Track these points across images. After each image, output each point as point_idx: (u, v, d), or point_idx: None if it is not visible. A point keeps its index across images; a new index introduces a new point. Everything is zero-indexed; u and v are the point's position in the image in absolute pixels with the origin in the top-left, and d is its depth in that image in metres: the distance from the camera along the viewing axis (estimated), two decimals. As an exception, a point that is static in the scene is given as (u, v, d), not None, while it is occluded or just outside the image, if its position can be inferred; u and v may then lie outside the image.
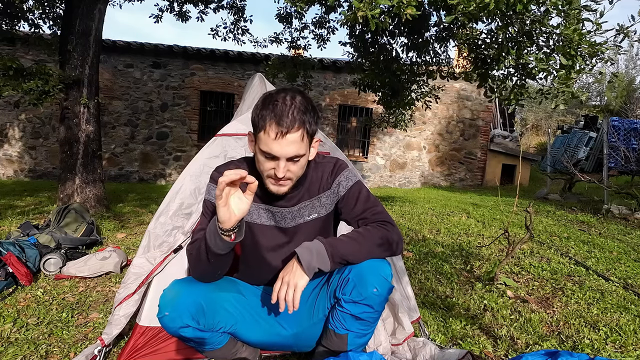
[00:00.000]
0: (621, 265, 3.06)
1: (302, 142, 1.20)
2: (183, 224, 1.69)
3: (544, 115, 16.01)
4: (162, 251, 1.66)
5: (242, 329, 1.42)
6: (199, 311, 1.30)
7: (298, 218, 1.39)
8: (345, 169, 1.41)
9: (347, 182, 1.38)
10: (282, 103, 1.18)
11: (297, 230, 1.40)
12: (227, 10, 5.98)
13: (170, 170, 9.11)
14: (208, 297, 1.33)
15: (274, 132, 1.16)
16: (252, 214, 1.39)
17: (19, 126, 8.60)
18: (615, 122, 7.07)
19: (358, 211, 1.35)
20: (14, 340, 1.76)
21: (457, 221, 4.55)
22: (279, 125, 1.16)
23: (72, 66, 4.33)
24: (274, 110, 1.17)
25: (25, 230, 3.05)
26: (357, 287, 1.28)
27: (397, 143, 9.67)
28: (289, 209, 1.38)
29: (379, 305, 1.33)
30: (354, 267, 1.31)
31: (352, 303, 1.30)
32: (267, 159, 1.22)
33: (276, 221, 1.39)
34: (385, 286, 1.30)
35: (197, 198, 1.72)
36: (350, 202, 1.37)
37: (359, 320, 1.33)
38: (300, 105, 1.19)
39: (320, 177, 1.39)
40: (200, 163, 1.77)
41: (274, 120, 1.16)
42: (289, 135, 1.16)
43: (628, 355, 1.72)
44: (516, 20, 2.37)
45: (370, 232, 1.29)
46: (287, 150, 1.18)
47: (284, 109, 1.17)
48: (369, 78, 4.33)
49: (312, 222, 1.40)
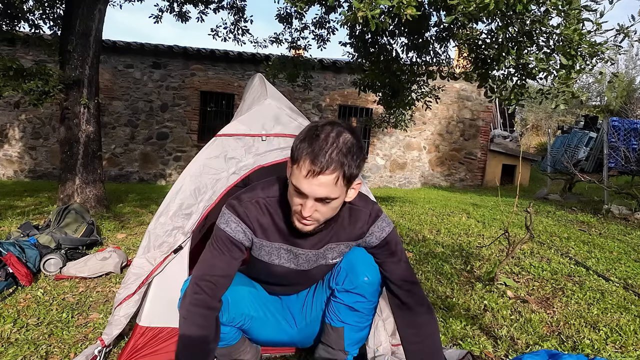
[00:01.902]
0: (621, 265, 3.06)
1: (336, 185, 1.07)
2: (183, 224, 1.69)
3: (544, 115, 16.01)
4: (162, 251, 1.65)
5: (256, 325, 1.43)
6: (224, 306, 1.31)
7: (320, 259, 1.35)
8: (380, 217, 1.33)
9: (381, 234, 1.32)
10: (323, 139, 1.05)
11: (317, 271, 1.39)
12: (227, 11, 5.99)
13: (171, 171, 9.11)
14: (233, 292, 1.34)
15: (306, 169, 1.05)
16: (272, 254, 1.31)
17: (19, 126, 8.60)
18: (615, 122, 7.06)
19: (399, 274, 1.31)
20: (14, 340, 1.76)
21: (457, 221, 4.55)
22: (313, 164, 1.04)
23: (72, 66, 4.33)
24: (311, 145, 1.05)
25: (26, 230, 3.05)
26: (348, 276, 1.33)
27: (397, 143, 9.67)
28: (314, 252, 1.32)
29: (371, 295, 1.35)
30: (346, 258, 1.36)
31: (345, 292, 1.34)
32: (296, 194, 1.11)
33: (298, 264, 1.34)
34: (376, 275, 1.33)
35: (197, 198, 1.72)
36: (387, 255, 1.33)
37: (353, 312, 1.36)
38: (344, 146, 1.06)
39: (354, 224, 1.31)
40: (200, 163, 1.77)
41: (309, 157, 1.04)
42: (321, 176, 1.04)
43: (628, 355, 1.72)
44: (516, 21, 2.37)
45: (435, 329, 1.31)
46: (317, 192, 1.07)
47: (323, 147, 1.04)
48: (369, 78, 4.34)
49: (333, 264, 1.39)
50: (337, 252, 1.34)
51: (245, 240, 1.26)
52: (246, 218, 1.24)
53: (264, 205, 1.26)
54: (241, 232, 1.24)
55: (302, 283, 1.45)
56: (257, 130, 1.77)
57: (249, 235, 1.26)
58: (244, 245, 1.27)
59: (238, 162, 1.77)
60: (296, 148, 1.08)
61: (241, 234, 1.24)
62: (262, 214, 1.26)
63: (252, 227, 1.26)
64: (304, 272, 1.36)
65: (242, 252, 1.27)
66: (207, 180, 1.72)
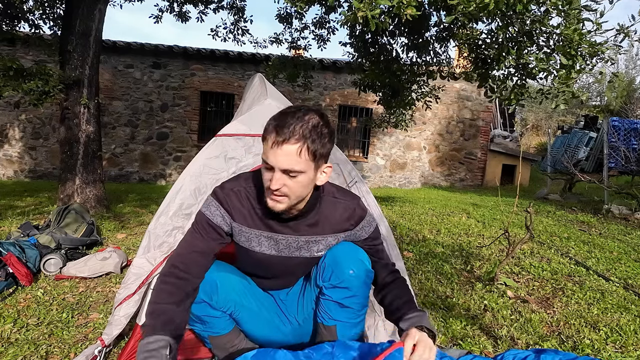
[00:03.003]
0: (621, 265, 3.06)
1: (300, 157, 1.13)
2: (183, 224, 1.69)
3: (544, 115, 16.01)
4: (162, 251, 1.66)
5: (247, 315, 1.43)
6: (213, 288, 1.33)
7: (304, 251, 1.37)
8: (366, 214, 1.40)
9: (370, 228, 1.41)
10: (290, 115, 1.14)
11: (302, 261, 1.39)
12: (227, 11, 5.98)
13: (171, 171, 9.11)
14: (222, 277, 1.36)
15: (272, 140, 1.13)
16: (252, 241, 1.34)
17: (19, 126, 8.60)
18: (615, 122, 7.06)
19: (387, 258, 1.46)
20: (14, 340, 1.76)
21: (457, 221, 4.55)
22: (277, 135, 1.12)
23: (72, 66, 4.33)
24: (278, 119, 1.14)
25: (26, 230, 3.05)
26: (334, 271, 1.34)
27: (397, 143, 9.67)
28: (294, 237, 1.34)
29: (359, 289, 1.35)
30: (330, 254, 1.37)
31: (332, 288, 1.35)
32: (266, 169, 1.18)
33: (279, 250, 1.36)
34: (362, 268, 1.35)
35: (197, 198, 1.72)
36: (376, 244, 1.44)
37: (343, 308, 1.36)
38: (309, 123, 1.14)
39: (339, 217, 1.36)
40: (200, 163, 1.77)
41: (274, 129, 1.13)
42: (285, 145, 1.11)
43: (628, 355, 1.72)
44: (516, 20, 2.37)
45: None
46: (281, 162, 1.12)
47: (289, 121, 1.13)
48: (369, 78, 4.34)
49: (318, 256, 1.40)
50: (324, 244, 1.37)
51: (224, 224, 1.31)
52: (225, 204, 1.30)
53: (244, 193, 1.32)
54: (219, 216, 1.30)
55: (287, 273, 1.45)
56: (257, 130, 1.77)
57: (227, 220, 1.31)
58: (223, 230, 1.31)
59: (238, 162, 1.77)
60: (266, 125, 1.16)
61: (219, 218, 1.30)
62: (242, 201, 1.31)
63: (230, 212, 1.31)
64: (286, 259, 1.37)
65: (221, 236, 1.32)
66: (207, 180, 1.72)
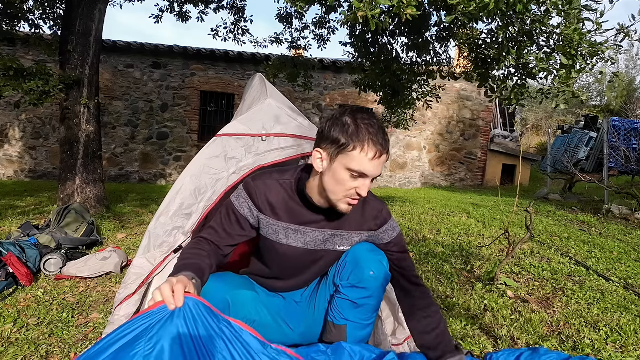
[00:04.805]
0: (622, 265, 3.06)
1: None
2: (183, 224, 1.69)
3: (544, 115, 16.01)
4: (163, 251, 1.65)
5: (257, 328, 1.43)
6: (225, 308, 1.31)
7: (329, 244, 1.37)
8: (391, 219, 1.41)
9: (393, 233, 1.41)
10: (372, 125, 1.17)
11: (324, 255, 1.40)
12: (227, 11, 5.98)
13: (171, 171, 9.11)
14: (233, 294, 1.35)
15: (373, 152, 1.15)
16: (279, 233, 1.34)
17: (20, 126, 8.60)
18: (615, 122, 7.05)
19: (412, 269, 1.44)
20: (15, 340, 1.76)
21: (458, 221, 4.54)
22: (378, 147, 1.15)
23: (72, 66, 4.33)
24: (368, 131, 1.15)
25: (26, 230, 3.06)
26: (354, 271, 1.34)
27: (397, 143, 9.67)
28: (321, 231, 1.35)
29: (376, 290, 1.35)
30: (350, 253, 1.37)
31: (350, 287, 1.35)
32: (352, 178, 1.18)
33: (305, 243, 1.36)
34: (382, 270, 1.35)
35: (198, 198, 1.72)
36: (400, 252, 1.42)
37: (357, 308, 1.36)
38: (381, 128, 1.19)
39: (366, 215, 1.37)
40: (200, 163, 1.77)
41: (372, 141, 1.15)
42: (384, 156, 1.17)
43: (629, 355, 1.72)
44: (516, 20, 2.36)
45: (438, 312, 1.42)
46: (379, 171, 1.18)
47: (378, 132, 1.16)
48: (370, 78, 4.33)
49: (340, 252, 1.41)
50: (347, 240, 1.38)
51: (250, 216, 1.33)
52: (255, 196, 1.32)
53: (276, 187, 1.33)
54: (247, 208, 1.32)
55: (307, 270, 1.44)
56: (257, 130, 1.77)
57: (254, 212, 1.33)
58: (248, 222, 1.33)
59: (238, 162, 1.77)
60: (347, 136, 1.15)
61: (246, 209, 1.32)
62: (273, 194, 1.33)
63: (258, 205, 1.32)
64: (311, 252, 1.37)
65: (246, 227, 1.34)
66: (207, 181, 1.72)
